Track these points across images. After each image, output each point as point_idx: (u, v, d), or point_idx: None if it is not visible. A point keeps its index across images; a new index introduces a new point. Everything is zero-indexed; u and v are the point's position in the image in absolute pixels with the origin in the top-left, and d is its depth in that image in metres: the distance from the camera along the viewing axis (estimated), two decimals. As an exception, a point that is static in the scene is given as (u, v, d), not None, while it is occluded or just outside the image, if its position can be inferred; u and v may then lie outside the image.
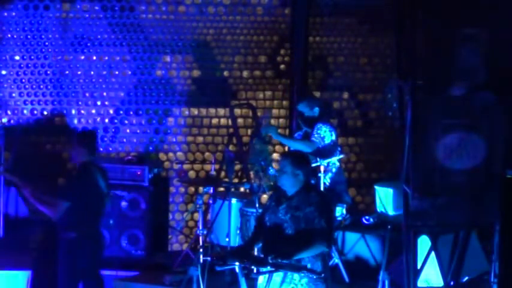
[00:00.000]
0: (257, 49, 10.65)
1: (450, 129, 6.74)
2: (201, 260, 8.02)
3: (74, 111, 10.40)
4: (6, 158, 9.60)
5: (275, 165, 8.94)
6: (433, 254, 7.01)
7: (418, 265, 6.98)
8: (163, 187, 10.19)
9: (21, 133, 10.05)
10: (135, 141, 10.52)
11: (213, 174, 9.34)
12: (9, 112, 10.31)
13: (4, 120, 10.28)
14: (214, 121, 10.61)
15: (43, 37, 10.34)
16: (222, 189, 8.94)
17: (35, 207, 7.63)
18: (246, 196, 9.04)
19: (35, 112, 10.36)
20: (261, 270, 6.31)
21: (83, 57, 10.40)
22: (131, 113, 10.49)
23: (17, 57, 10.34)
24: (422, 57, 6.85)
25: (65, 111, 10.38)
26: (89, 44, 10.38)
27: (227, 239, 8.75)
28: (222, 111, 10.58)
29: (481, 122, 6.82)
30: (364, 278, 8.60)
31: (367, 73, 10.68)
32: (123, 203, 9.51)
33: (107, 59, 10.43)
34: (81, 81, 10.41)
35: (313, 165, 7.98)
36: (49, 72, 10.36)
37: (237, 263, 6.36)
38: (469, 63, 6.94)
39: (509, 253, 7.18)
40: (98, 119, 10.43)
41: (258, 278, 6.51)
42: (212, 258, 7.83)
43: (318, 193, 6.62)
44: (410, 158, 6.68)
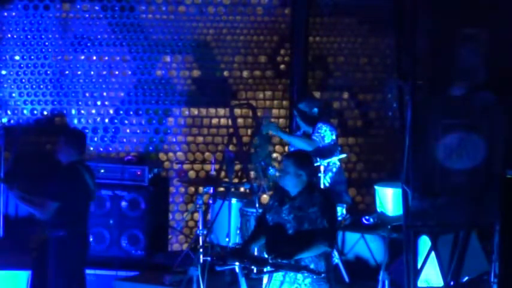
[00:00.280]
0: (257, 49, 10.64)
1: (450, 129, 6.72)
2: (201, 260, 8.02)
3: (74, 111, 10.40)
4: (6, 158, 9.61)
5: (275, 165, 8.94)
6: (433, 254, 6.99)
7: (418, 265, 6.97)
8: (163, 187, 10.18)
9: (21, 133, 10.05)
10: (135, 141, 10.52)
11: (213, 174, 9.33)
12: (9, 112, 10.31)
13: (4, 120, 10.27)
14: (214, 121, 10.61)
15: (43, 37, 10.34)
16: (222, 189, 8.92)
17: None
18: (246, 196, 9.03)
19: (35, 112, 10.36)
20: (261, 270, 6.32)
21: (83, 57, 10.40)
22: (131, 113, 10.49)
23: (17, 57, 10.33)
24: (422, 57, 6.84)
25: (65, 111, 10.38)
26: (89, 44, 10.38)
27: (227, 239, 8.75)
28: (222, 111, 10.58)
29: (481, 122, 6.80)
30: (364, 278, 8.60)
31: (367, 73, 10.68)
32: (123, 203, 9.50)
33: (107, 59, 10.43)
34: (81, 81, 10.41)
35: (313, 165, 7.98)
36: (49, 72, 10.36)
37: (237, 263, 6.36)
38: (469, 63, 6.93)
39: (509, 253, 7.16)
40: (98, 119, 10.43)
41: (262, 278, 6.50)
42: (212, 258, 7.82)
43: (321, 193, 6.60)
44: (410, 158, 6.66)
